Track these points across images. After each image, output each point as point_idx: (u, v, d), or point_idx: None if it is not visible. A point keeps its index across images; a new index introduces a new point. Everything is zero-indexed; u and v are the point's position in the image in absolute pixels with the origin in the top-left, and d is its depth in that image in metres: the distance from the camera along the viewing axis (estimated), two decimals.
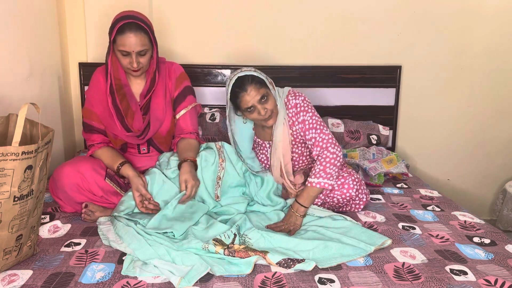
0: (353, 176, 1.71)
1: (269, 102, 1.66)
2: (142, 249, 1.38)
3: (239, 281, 1.25)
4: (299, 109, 1.71)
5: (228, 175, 1.77)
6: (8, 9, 1.79)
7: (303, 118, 1.70)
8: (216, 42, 2.46)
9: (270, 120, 1.69)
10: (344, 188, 1.70)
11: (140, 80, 1.81)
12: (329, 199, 1.73)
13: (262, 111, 1.65)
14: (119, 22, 1.63)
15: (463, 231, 1.61)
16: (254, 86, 1.63)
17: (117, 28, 1.63)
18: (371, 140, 2.44)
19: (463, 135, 2.69)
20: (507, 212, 2.56)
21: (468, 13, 2.52)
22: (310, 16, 2.45)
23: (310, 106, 1.73)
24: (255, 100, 1.63)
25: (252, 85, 1.63)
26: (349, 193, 1.70)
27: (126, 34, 1.62)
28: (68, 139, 2.40)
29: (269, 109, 1.66)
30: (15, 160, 1.16)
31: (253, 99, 1.63)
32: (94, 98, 1.78)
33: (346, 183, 1.70)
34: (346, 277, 1.28)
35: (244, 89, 1.63)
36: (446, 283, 1.24)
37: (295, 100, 1.72)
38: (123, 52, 1.65)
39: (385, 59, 2.54)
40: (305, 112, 1.70)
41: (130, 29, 1.62)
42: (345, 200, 1.72)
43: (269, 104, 1.66)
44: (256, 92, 1.63)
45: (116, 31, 1.63)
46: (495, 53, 2.58)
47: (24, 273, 1.27)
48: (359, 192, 1.73)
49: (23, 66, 1.93)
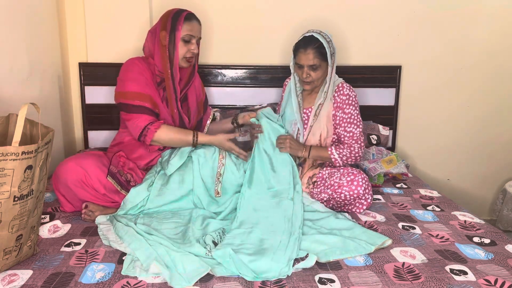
0: (362, 175, 1.75)
1: (317, 73, 1.84)
2: (142, 249, 1.38)
3: (239, 281, 1.25)
4: (350, 102, 1.89)
5: (228, 172, 1.78)
6: (8, 9, 1.79)
7: (350, 111, 1.88)
8: (216, 42, 2.46)
9: (308, 85, 1.88)
10: (353, 185, 1.71)
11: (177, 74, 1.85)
12: (336, 194, 1.74)
13: (304, 74, 1.84)
14: (183, 12, 1.80)
15: (463, 231, 1.61)
16: (314, 52, 1.81)
17: (184, 16, 1.78)
18: (371, 140, 2.44)
19: (463, 135, 2.69)
20: (507, 212, 2.56)
21: (468, 13, 2.52)
22: (310, 16, 2.45)
23: (357, 103, 1.91)
24: (307, 62, 1.82)
25: (313, 50, 1.81)
26: (357, 191, 1.71)
27: (192, 21, 1.81)
28: (68, 139, 2.40)
29: (313, 78, 1.85)
30: (15, 160, 1.16)
31: (306, 61, 1.82)
32: (142, 81, 1.76)
33: (356, 180, 1.72)
34: (346, 277, 1.28)
35: (305, 48, 1.81)
36: (446, 283, 1.24)
37: (349, 91, 1.90)
38: (186, 37, 1.78)
39: (385, 59, 2.54)
40: (354, 107, 1.89)
41: (195, 18, 1.83)
42: (351, 198, 1.73)
43: (315, 74, 1.84)
44: (312, 57, 1.81)
45: (184, 18, 1.78)
46: (495, 53, 2.58)
47: (24, 273, 1.26)
48: (367, 191, 1.74)
49: (23, 66, 1.93)
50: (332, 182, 1.77)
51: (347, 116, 1.88)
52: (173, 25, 1.77)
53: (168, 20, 1.78)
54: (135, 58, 1.84)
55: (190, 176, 1.75)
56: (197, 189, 1.74)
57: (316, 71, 1.84)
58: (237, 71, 2.47)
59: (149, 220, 1.62)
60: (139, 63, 1.81)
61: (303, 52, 1.82)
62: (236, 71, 2.47)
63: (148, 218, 1.64)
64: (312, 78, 1.85)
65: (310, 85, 1.89)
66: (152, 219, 1.64)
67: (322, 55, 1.82)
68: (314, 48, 1.81)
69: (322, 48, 1.81)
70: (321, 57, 1.82)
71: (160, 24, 1.80)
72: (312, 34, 1.83)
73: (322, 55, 1.82)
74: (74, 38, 2.39)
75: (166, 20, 1.79)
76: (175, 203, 1.73)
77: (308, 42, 1.82)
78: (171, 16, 1.79)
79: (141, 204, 1.69)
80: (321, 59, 1.82)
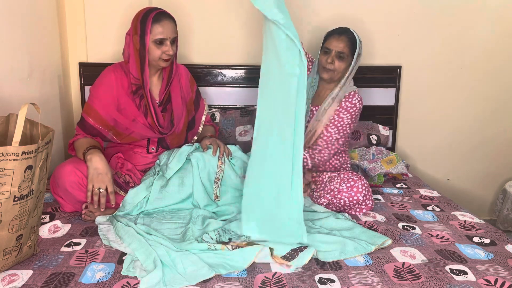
0: (362, 181, 1.74)
1: (342, 63, 1.83)
2: (142, 249, 1.38)
3: (239, 281, 1.25)
4: (351, 111, 1.85)
5: (226, 177, 1.79)
6: (8, 9, 1.79)
7: (343, 117, 1.85)
8: (216, 42, 2.46)
9: (327, 74, 1.86)
10: (353, 191, 1.71)
11: (155, 79, 1.85)
12: (335, 200, 1.74)
13: (330, 59, 1.82)
14: (151, 12, 1.69)
15: (463, 231, 1.61)
16: (347, 41, 1.82)
17: (152, 17, 1.68)
18: (371, 140, 2.44)
19: (463, 135, 2.69)
20: (507, 212, 2.56)
21: (468, 13, 2.52)
22: (310, 16, 2.45)
23: (357, 115, 1.88)
24: (337, 48, 1.82)
25: (346, 39, 1.82)
26: (357, 197, 1.70)
27: (162, 22, 1.69)
28: (68, 139, 2.40)
29: (336, 66, 1.83)
30: (15, 160, 1.16)
31: (336, 45, 1.82)
32: (100, 96, 1.76)
33: (355, 186, 1.71)
34: (346, 277, 1.28)
35: (340, 34, 1.83)
36: (446, 283, 1.24)
37: (357, 101, 1.86)
38: (158, 41, 1.69)
39: (385, 59, 2.54)
40: (351, 116, 1.85)
41: (164, 17, 1.71)
42: (351, 204, 1.72)
43: (339, 64, 1.83)
44: (343, 45, 1.81)
45: (152, 20, 1.68)
46: (495, 53, 2.58)
47: (24, 273, 1.27)
48: (367, 197, 1.73)
49: (23, 66, 1.93)
50: (332, 187, 1.76)
51: (338, 119, 1.85)
52: (142, 29, 1.69)
53: (137, 23, 1.70)
54: (111, 69, 1.80)
55: (190, 179, 1.75)
56: (197, 193, 1.74)
57: (341, 61, 1.83)
58: (237, 71, 2.47)
59: (149, 220, 1.62)
60: (113, 73, 1.77)
61: (337, 37, 1.83)
62: (236, 71, 2.47)
63: (148, 218, 1.64)
64: (335, 67, 1.83)
65: (329, 74, 1.86)
66: (152, 219, 1.64)
67: (352, 49, 1.84)
68: (348, 37, 1.83)
69: (354, 42, 1.84)
70: (351, 50, 1.83)
71: (132, 27, 1.73)
72: (348, 27, 1.87)
73: (352, 48, 1.84)
74: (74, 38, 2.39)
75: (136, 23, 1.71)
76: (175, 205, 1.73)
77: (344, 31, 1.86)
78: (139, 19, 1.70)
79: (140, 204, 1.69)
80: (350, 52, 1.84)
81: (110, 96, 1.75)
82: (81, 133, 1.77)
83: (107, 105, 1.75)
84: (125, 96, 1.76)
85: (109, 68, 1.81)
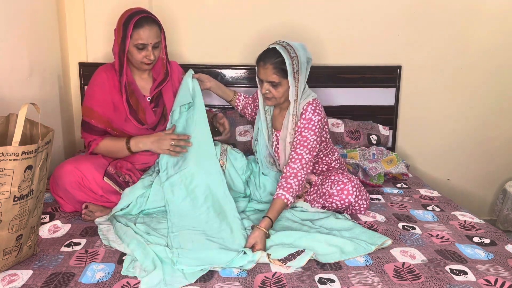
0: (352, 182, 1.69)
1: (278, 90, 1.67)
2: (140, 249, 1.38)
3: (239, 281, 1.25)
4: (310, 126, 1.69)
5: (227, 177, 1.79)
6: (8, 9, 1.79)
7: (306, 135, 1.68)
8: (216, 42, 2.46)
9: (269, 101, 1.72)
10: (343, 194, 1.68)
11: (145, 76, 1.85)
12: (327, 203, 1.73)
13: (263, 90, 1.69)
14: (134, 17, 1.67)
15: (463, 231, 1.61)
16: (273, 68, 1.63)
17: (133, 22, 1.66)
18: (371, 140, 2.44)
19: (463, 135, 2.69)
20: (507, 212, 2.56)
21: (468, 13, 2.51)
22: (310, 16, 2.45)
23: (319, 127, 1.70)
24: (266, 78, 1.65)
25: (272, 65, 1.63)
26: (348, 199, 1.68)
27: (144, 27, 1.67)
28: (68, 139, 2.40)
29: (274, 95, 1.68)
30: (15, 160, 1.16)
31: (264, 76, 1.66)
32: (97, 96, 1.76)
33: (345, 189, 1.68)
34: (346, 277, 1.28)
35: (264, 62, 1.65)
36: (446, 283, 1.24)
37: (312, 116, 1.69)
38: (139, 45, 1.68)
39: (385, 59, 2.54)
40: (313, 132, 1.68)
41: (147, 22, 1.68)
42: (343, 206, 1.71)
43: (276, 92, 1.67)
44: (271, 73, 1.64)
45: (134, 25, 1.66)
46: (495, 53, 2.58)
47: (24, 273, 1.27)
48: (359, 198, 1.72)
49: (23, 66, 1.93)
50: (323, 190, 1.74)
51: (302, 139, 1.68)
52: (124, 32, 1.68)
53: (120, 26, 1.69)
54: (103, 68, 1.80)
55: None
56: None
57: (276, 88, 1.66)
58: (237, 71, 2.47)
59: (149, 220, 1.62)
60: (105, 72, 1.77)
61: (262, 66, 1.65)
62: (236, 71, 2.47)
63: (148, 218, 1.64)
64: (273, 95, 1.68)
65: (272, 101, 1.72)
66: (152, 219, 1.64)
67: (283, 71, 1.63)
68: (273, 63, 1.62)
69: (283, 64, 1.62)
70: (282, 73, 1.63)
71: (117, 27, 1.73)
72: (275, 46, 1.65)
73: (283, 71, 1.63)
74: (74, 38, 2.39)
75: (119, 25, 1.70)
76: None
77: (268, 55, 1.64)
78: (122, 22, 1.69)
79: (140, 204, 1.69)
80: (282, 76, 1.64)
81: (105, 94, 1.76)
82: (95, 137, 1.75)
83: (104, 104, 1.75)
84: (117, 94, 1.77)
85: (100, 68, 1.81)
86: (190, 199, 1.68)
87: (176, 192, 1.69)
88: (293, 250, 1.38)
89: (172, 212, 1.63)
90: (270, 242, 1.47)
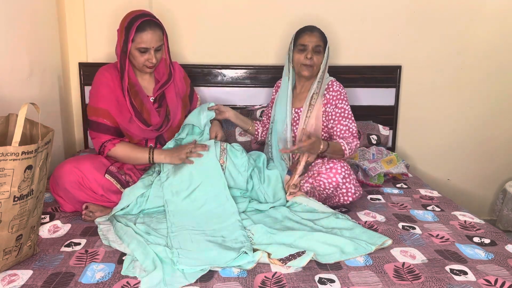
0: (342, 163, 1.73)
1: (319, 57, 1.89)
2: (140, 250, 1.38)
3: (239, 281, 1.25)
4: (341, 97, 1.90)
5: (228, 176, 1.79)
6: (8, 9, 1.79)
7: (342, 106, 1.89)
8: (216, 42, 2.46)
9: (307, 71, 1.90)
10: (332, 172, 1.70)
11: (147, 77, 1.87)
12: (316, 183, 1.74)
13: (309, 54, 1.87)
14: (137, 20, 1.68)
15: (463, 231, 1.61)
16: (320, 35, 1.90)
17: (136, 26, 1.67)
18: (371, 140, 2.44)
19: (463, 135, 2.69)
20: (507, 212, 2.56)
21: (468, 13, 2.52)
22: (310, 17, 2.44)
23: (347, 99, 1.92)
24: (312, 43, 1.87)
25: (319, 33, 1.90)
26: (336, 178, 1.69)
27: (146, 31, 1.68)
28: (68, 139, 2.40)
29: (315, 61, 1.88)
30: (15, 160, 1.16)
31: (311, 42, 1.87)
32: (103, 95, 1.75)
33: (334, 167, 1.71)
34: (346, 277, 1.28)
35: (312, 30, 1.90)
36: (446, 283, 1.24)
37: (339, 88, 1.92)
38: (141, 49, 1.70)
39: (385, 59, 2.54)
40: (345, 102, 1.91)
41: (149, 26, 1.69)
42: (331, 186, 1.71)
43: (318, 58, 1.89)
44: (317, 40, 1.88)
45: (136, 29, 1.67)
46: (495, 53, 2.58)
47: (24, 273, 1.26)
48: (347, 180, 1.71)
49: (23, 66, 1.93)
50: (314, 170, 1.77)
51: (341, 111, 1.89)
52: (126, 36, 1.69)
53: (123, 29, 1.70)
54: (105, 68, 1.80)
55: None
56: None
57: (318, 55, 1.88)
58: (237, 71, 2.47)
59: (149, 220, 1.62)
60: (108, 73, 1.77)
61: (309, 34, 1.88)
62: (236, 71, 2.47)
63: (148, 218, 1.64)
64: (314, 61, 1.88)
65: (309, 70, 1.90)
66: (152, 219, 1.64)
67: (325, 42, 1.91)
68: (319, 32, 1.91)
69: (324, 36, 1.92)
70: (324, 43, 1.90)
71: (119, 29, 1.74)
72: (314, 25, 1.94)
73: (324, 42, 1.91)
74: (74, 38, 2.39)
75: (122, 28, 1.72)
76: None
77: (313, 27, 1.93)
78: (125, 25, 1.70)
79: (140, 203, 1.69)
80: (323, 46, 1.90)
81: (111, 93, 1.76)
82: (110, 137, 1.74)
83: (111, 103, 1.75)
84: (121, 94, 1.77)
85: (102, 68, 1.82)
86: (190, 200, 1.68)
87: (176, 193, 1.69)
88: (294, 250, 1.38)
89: (172, 212, 1.63)
90: (270, 241, 1.47)
